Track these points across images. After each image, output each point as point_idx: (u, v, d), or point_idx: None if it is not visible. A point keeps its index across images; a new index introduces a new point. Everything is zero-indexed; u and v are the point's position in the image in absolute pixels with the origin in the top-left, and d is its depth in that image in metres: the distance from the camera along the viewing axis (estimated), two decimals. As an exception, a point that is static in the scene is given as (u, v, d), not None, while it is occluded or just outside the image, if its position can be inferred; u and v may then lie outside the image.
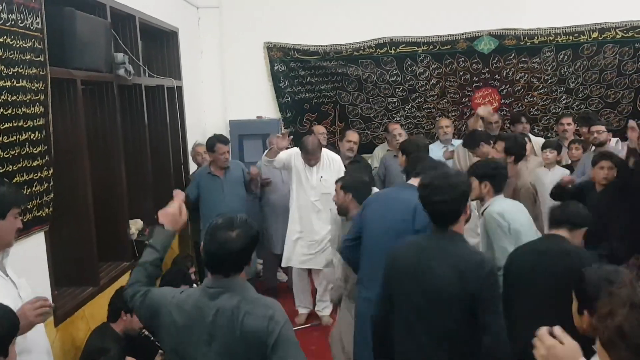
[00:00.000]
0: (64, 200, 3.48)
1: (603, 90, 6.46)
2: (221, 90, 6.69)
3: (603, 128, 5.13)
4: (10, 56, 2.86)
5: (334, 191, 3.91)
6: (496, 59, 6.51)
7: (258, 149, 6.23)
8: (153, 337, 2.30)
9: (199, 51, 6.53)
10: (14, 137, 2.88)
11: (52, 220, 3.25)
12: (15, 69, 2.89)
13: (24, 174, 2.96)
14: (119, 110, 4.22)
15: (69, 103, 3.59)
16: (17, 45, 2.91)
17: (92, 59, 3.75)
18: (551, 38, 6.38)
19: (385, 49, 6.58)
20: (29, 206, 2.96)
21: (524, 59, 6.48)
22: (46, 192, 3.17)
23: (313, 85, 6.77)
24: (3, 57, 2.81)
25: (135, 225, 4.46)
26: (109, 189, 4.14)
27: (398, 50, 6.57)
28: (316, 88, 6.78)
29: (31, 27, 3.03)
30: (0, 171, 2.77)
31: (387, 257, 2.59)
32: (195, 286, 4.06)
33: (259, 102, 6.71)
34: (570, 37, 6.36)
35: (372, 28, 6.52)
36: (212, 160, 5.09)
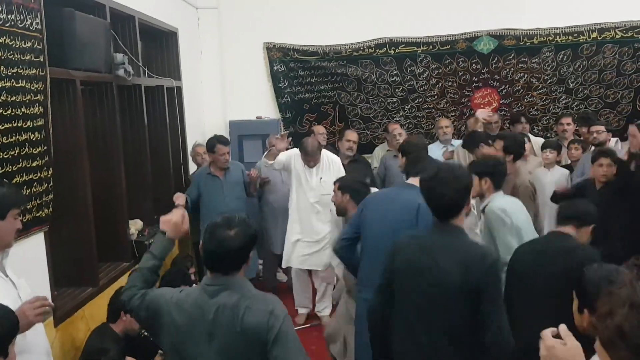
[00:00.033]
0: (64, 201, 3.48)
1: (602, 90, 6.47)
2: (221, 90, 6.69)
3: (602, 128, 5.14)
4: (10, 57, 2.86)
5: (333, 192, 3.91)
6: (496, 59, 6.51)
7: (258, 150, 6.24)
8: (152, 338, 2.29)
9: (199, 51, 6.53)
10: (13, 138, 2.88)
11: (52, 221, 3.25)
12: (15, 70, 2.89)
13: (24, 175, 2.96)
14: (119, 111, 4.22)
15: (69, 103, 3.59)
16: (17, 46, 2.91)
17: (92, 59, 3.75)
18: (550, 38, 6.39)
19: (385, 49, 6.59)
20: (28, 207, 2.96)
21: (523, 59, 6.48)
22: (46, 193, 3.17)
23: (312, 85, 6.77)
24: (2, 58, 2.81)
25: (135, 225, 4.46)
26: (108, 190, 4.14)
27: (397, 50, 6.58)
28: (316, 88, 6.78)
29: (30, 28, 3.03)
30: (0, 172, 2.77)
31: (388, 251, 2.58)
32: (195, 286, 4.06)
33: (258, 103, 6.71)
34: (570, 37, 6.36)
35: (372, 28, 6.52)
36: (212, 160, 5.09)
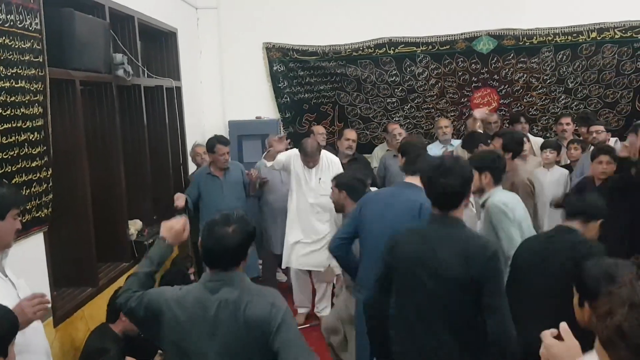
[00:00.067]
0: (63, 201, 3.48)
1: (602, 90, 6.47)
2: (220, 90, 6.69)
3: (602, 128, 5.14)
4: (9, 57, 2.85)
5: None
6: (495, 59, 6.51)
7: (257, 150, 6.24)
8: (151, 338, 2.29)
9: (198, 52, 6.53)
10: (13, 138, 2.88)
11: (51, 221, 3.25)
12: (14, 70, 2.89)
13: (23, 175, 2.96)
14: (118, 111, 4.22)
15: (68, 104, 3.59)
16: (16, 46, 2.91)
17: (91, 59, 3.75)
18: (550, 38, 6.39)
19: (384, 49, 6.58)
20: (28, 207, 2.96)
21: (522, 59, 6.48)
22: (45, 193, 3.17)
23: (312, 85, 6.77)
24: (2, 58, 2.80)
25: (134, 225, 4.46)
26: (108, 190, 4.14)
27: (397, 50, 6.58)
28: (315, 88, 6.78)
29: (30, 28, 3.03)
30: (0, 172, 2.77)
31: (387, 244, 2.56)
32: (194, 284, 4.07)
33: (258, 103, 6.71)
34: (569, 37, 6.36)
35: (371, 28, 6.52)
36: (212, 161, 5.09)
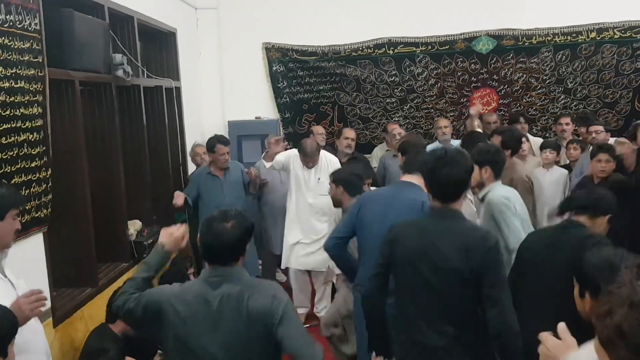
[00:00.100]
0: (63, 201, 3.48)
1: (601, 90, 6.47)
2: (220, 90, 6.68)
3: (601, 128, 5.15)
4: (9, 57, 2.85)
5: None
6: (494, 59, 6.52)
7: (257, 150, 6.24)
8: (150, 336, 2.30)
9: (198, 52, 6.53)
10: (12, 138, 2.87)
11: (51, 221, 3.24)
12: (14, 70, 2.89)
13: (23, 175, 2.95)
14: (118, 111, 4.21)
15: (68, 104, 3.59)
16: (15, 47, 2.91)
17: (91, 59, 3.74)
18: (549, 38, 6.39)
19: (384, 49, 6.59)
20: (27, 207, 2.96)
21: (522, 59, 6.48)
22: (44, 193, 3.16)
23: (311, 85, 6.77)
24: (1, 59, 2.80)
25: (134, 226, 4.46)
26: (107, 190, 4.14)
27: (396, 50, 6.58)
28: (315, 88, 6.78)
29: (29, 28, 3.03)
30: (-1, 172, 2.77)
31: (386, 238, 2.54)
32: (193, 280, 4.08)
33: (257, 103, 6.70)
34: (569, 37, 6.36)
35: (371, 28, 6.52)
36: (212, 160, 5.08)
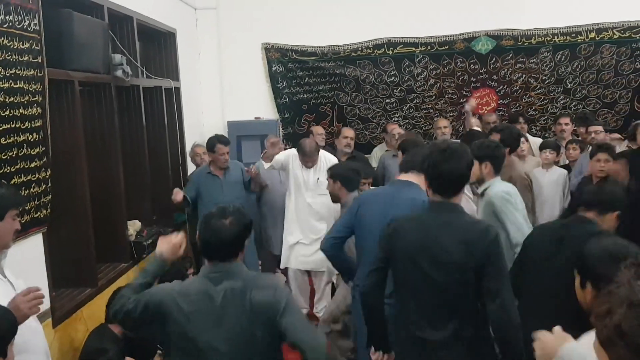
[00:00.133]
0: (62, 202, 3.48)
1: (600, 91, 6.48)
2: (219, 91, 6.68)
3: (600, 128, 5.15)
4: (8, 58, 2.85)
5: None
6: (494, 59, 6.52)
7: (256, 150, 6.24)
8: (152, 336, 2.30)
9: (197, 52, 6.53)
10: (11, 139, 2.88)
11: (50, 222, 3.24)
12: (13, 71, 2.89)
13: (22, 176, 2.95)
14: (117, 111, 4.21)
15: (67, 104, 3.59)
16: (15, 47, 2.91)
17: (90, 60, 3.75)
18: (548, 38, 6.39)
19: (383, 49, 6.59)
20: (27, 208, 2.96)
21: (521, 60, 6.49)
22: (44, 194, 3.16)
23: (311, 86, 6.77)
24: (0, 59, 2.80)
25: (133, 226, 4.46)
26: (106, 190, 4.14)
27: (396, 51, 6.58)
28: (314, 89, 6.78)
29: (29, 29, 3.03)
30: (-2, 172, 2.77)
31: (385, 232, 2.51)
32: (193, 277, 4.10)
33: (257, 103, 6.71)
34: (568, 38, 6.37)
35: (370, 29, 6.53)
36: (212, 160, 5.08)
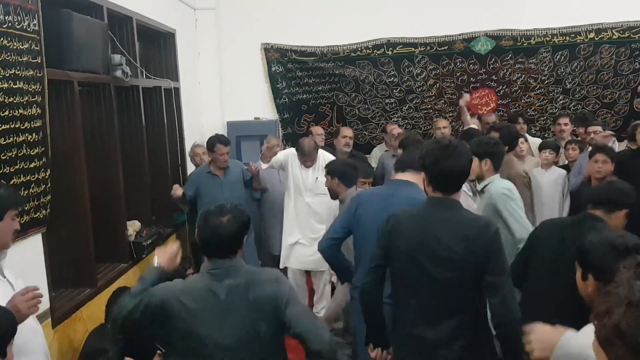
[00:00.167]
0: (62, 202, 3.47)
1: (600, 91, 6.48)
2: (219, 91, 6.69)
3: (600, 128, 5.15)
4: (7, 58, 2.85)
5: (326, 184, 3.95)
6: (493, 59, 6.52)
7: (256, 150, 6.23)
8: (154, 336, 2.30)
9: (197, 52, 6.53)
10: (11, 139, 2.87)
11: (50, 222, 3.24)
12: (12, 71, 2.89)
13: (21, 176, 2.95)
14: (116, 112, 4.21)
15: (66, 104, 3.59)
16: (14, 47, 2.91)
17: (89, 60, 3.75)
18: (548, 39, 6.40)
19: (383, 50, 6.59)
20: (26, 208, 2.96)
21: (520, 60, 6.50)
22: (43, 194, 3.16)
23: (310, 86, 6.78)
24: (0, 59, 2.80)
25: (133, 226, 4.46)
26: (106, 190, 4.14)
27: (395, 51, 6.59)
28: (314, 89, 6.78)
29: (28, 29, 3.03)
30: (-2, 173, 2.77)
31: (383, 228, 2.48)
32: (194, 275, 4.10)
33: (256, 103, 6.71)
34: (567, 38, 6.38)
35: (369, 29, 6.53)
36: (212, 160, 5.08)
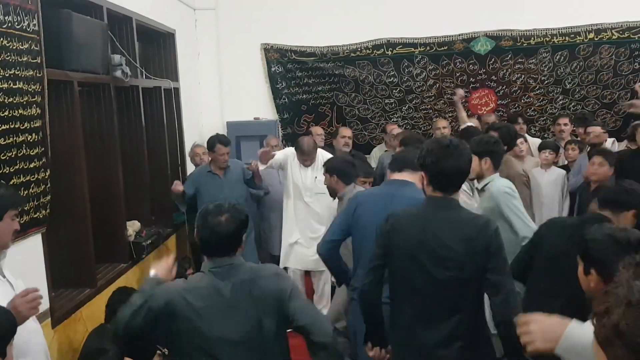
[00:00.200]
0: (61, 202, 3.47)
1: (599, 91, 6.49)
2: (218, 91, 6.69)
3: (599, 129, 5.15)
4: (7, 58, 2.85)
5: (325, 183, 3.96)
6: (493, 59, 6.53)
7: (255, 150, 6.19)
8: (159, 337, 2.32)
9: (196, 53, 6.53)
10: (10, 139, 2.87)
11: (49, 222, 3.24)
12: (12, 71, 2.89)
13: (21, 176, 2.95)
14: (116, 112, 4.21)
15: (66, 105, 3.59)
16: (14, 47, 2.91)
17: (89, 60, 3.75)
18: (547, 39, 6.40)
19: (382, 50, 6.60)
20: (26, 208, 2.96)
21: (520, 60, 6.50)
22: (43, 194, 3.16)
23: (310, 86, 6.78)
24: (0, 59, 2.80)
25: (133, 227, 4.46)
26: (106, 190, 4.14)
27: (395, 51, 6.59)
28: (313, 89, 6.78)
29: (28, 29, 3.03)
30: (-3, 173, 2.77)
31: (382, 228, 2.46)
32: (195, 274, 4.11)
33: (256, 104, 6.71)
34: (567, 38, 6.38)
35: (369, 29, 6.53)
36: (212, 159, 5.08)
